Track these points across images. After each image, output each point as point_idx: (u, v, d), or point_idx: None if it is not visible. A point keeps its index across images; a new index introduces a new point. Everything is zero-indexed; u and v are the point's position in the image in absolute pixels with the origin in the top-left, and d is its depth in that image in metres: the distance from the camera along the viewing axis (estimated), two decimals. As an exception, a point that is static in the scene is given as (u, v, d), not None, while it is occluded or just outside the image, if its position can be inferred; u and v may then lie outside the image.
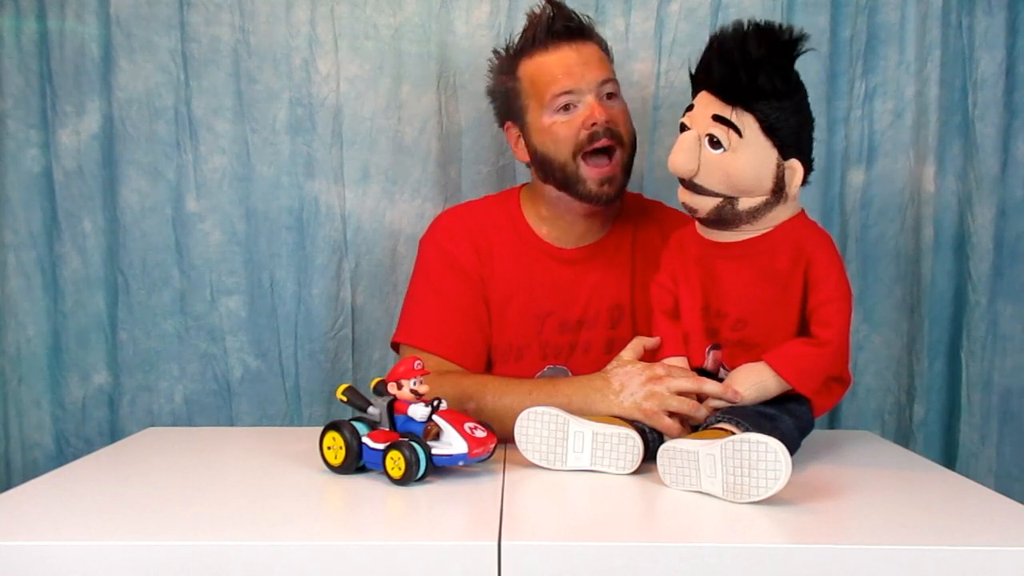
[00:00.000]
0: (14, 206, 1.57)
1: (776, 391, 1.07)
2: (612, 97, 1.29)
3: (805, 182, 1.08)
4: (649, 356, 1.17)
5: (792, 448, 1.02)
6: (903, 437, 1.58)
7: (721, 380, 1.10)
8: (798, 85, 1.08)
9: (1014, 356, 1.58)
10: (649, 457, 1.05)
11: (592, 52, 1.29)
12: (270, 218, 1.58)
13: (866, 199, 1.58)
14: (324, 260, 1.59)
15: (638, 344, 1.17)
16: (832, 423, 1.59)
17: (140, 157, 1.57)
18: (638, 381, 1.11)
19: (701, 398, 1.10)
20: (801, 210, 1.12)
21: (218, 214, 1.58)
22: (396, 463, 1.00)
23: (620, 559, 0.81)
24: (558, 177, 1.28)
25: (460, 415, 1.05)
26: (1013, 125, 1.56)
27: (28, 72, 1.56)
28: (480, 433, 1.03)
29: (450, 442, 1.01)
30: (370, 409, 1.06)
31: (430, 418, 1.02)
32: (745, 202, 1.07)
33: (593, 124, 1.24)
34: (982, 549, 0.82)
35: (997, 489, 1.13)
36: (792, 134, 1.06)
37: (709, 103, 1.06)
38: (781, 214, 1.09)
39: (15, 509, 0.95)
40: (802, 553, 0.82)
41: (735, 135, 1.04)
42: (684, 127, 1.08)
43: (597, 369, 1.17)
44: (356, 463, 1.04)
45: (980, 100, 1.55)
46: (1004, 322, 1.58)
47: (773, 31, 1.05)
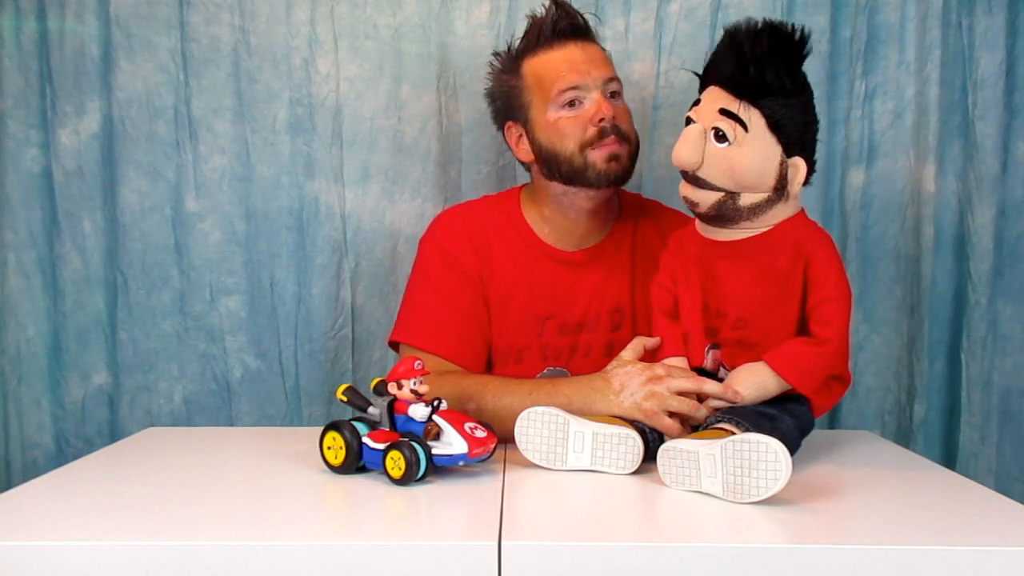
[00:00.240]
0: (14, 206, 1.56)
1: (776, 391, 1.08)
2: (616, 96, 1.29)
3: (806, 183, 1.09)
4: (649, 356, 1.17)
5: (792, 448, 1.02)
6: (903, 437, 1.58)
7: (721, 380, 1.10)
8: (805, 85, 1.09)
9: (1014, 356, 1.58)
10: (649, 457, 1.05)
11: (596, 51, 1.30)
12: (270, 218, 1.58)
13: (866, 199, 1.58)
14: (324, 260, 1.59)
15: (638, 344, 1.18)
16: (832, 423, 1.59)
17: (140, 157, 1.57)
18: (638, 381, 1.11)
19: (701, 398, 1.10)
20: (801, 210, 1.12)
21: (218, 214, 1.58)
22: (396, 463, 1.00)
23: (620, 559, 0.81)
24: (564, 170, 1.28)
25: (460, 415, 1.05)
26: (1013, 125, 1.56)
27: (28, 72, 1.56)
28: (480, 433, 1.03)
29: (450, 442, 1.01)
30: (370, 409, 1.06)
31: (430, 418, 1.02)
32: (747, 198, 1.07)
33: (601, 120, 1.24)
34: (982, 549, 0.82)
35: (997, 489, 1.13)
36: (797, 132, 1.07)
37: (717, 97, 1.07)
38: (781, 212, 1.09)
39: (15, 509, 0.95)
40: (802, 553, 0.82)
41: (741, 130, 1.05)
42: (689, 120, 1.09)
43: (597, 372, 1.17)
44: (356, 463, 1.04)
45: (980, 100, 1.55)
46: (1004, 322, 1.58)
47: (785, 30, 1.06)
